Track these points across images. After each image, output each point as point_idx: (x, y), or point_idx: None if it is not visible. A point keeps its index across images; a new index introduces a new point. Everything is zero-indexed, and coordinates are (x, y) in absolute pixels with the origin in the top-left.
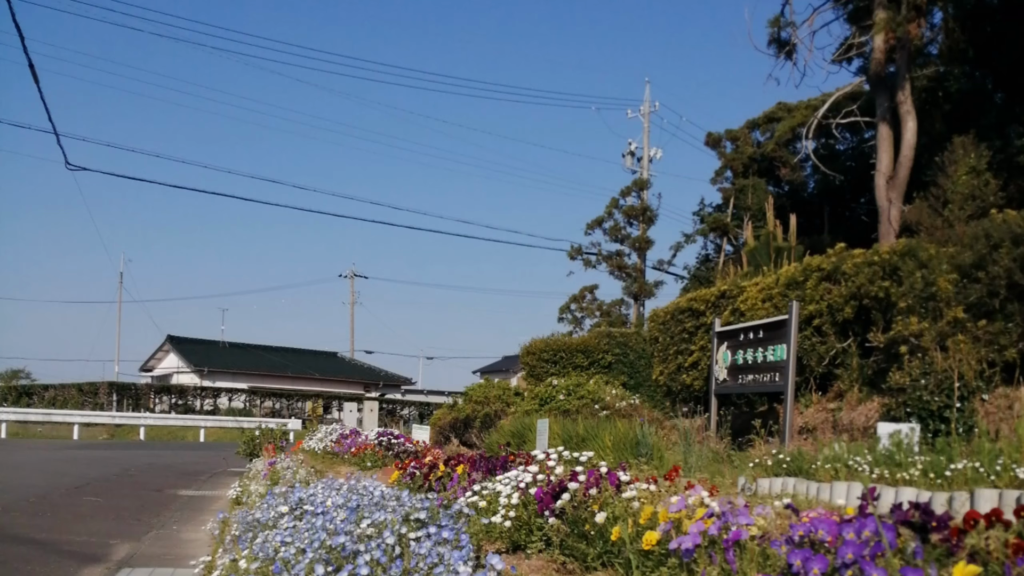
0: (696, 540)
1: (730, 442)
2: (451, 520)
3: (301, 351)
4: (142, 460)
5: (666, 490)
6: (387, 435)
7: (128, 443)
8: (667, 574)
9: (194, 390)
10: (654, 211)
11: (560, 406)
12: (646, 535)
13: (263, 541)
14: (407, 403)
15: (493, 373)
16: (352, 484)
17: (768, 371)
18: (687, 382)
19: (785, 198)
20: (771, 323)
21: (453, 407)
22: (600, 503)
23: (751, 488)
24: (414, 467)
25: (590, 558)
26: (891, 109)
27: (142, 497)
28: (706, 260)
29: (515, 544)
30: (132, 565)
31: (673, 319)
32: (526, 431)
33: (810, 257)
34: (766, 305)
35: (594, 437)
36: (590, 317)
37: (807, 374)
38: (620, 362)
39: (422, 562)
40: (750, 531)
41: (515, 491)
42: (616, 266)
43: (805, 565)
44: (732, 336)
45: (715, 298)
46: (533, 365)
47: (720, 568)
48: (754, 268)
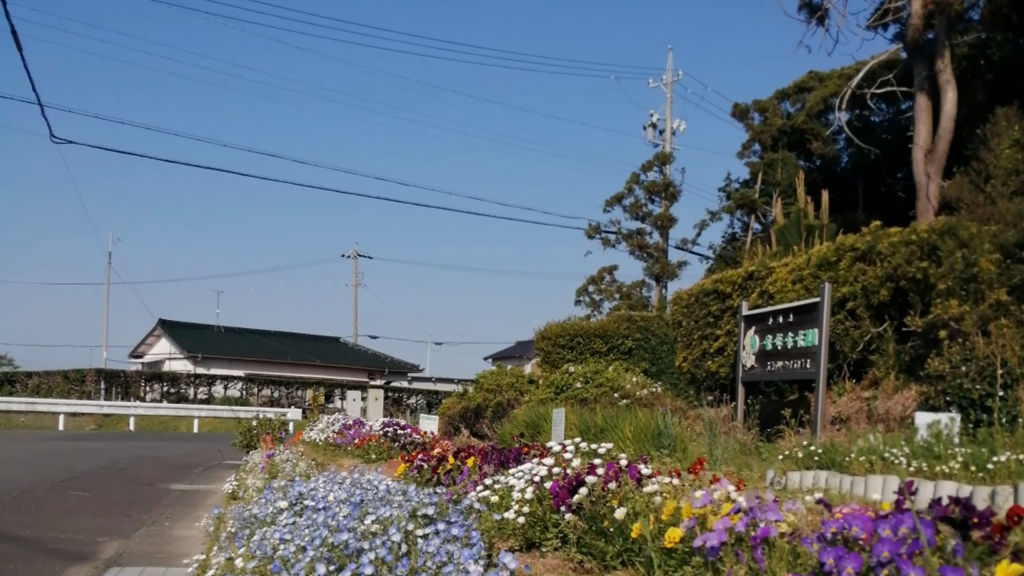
0: (722, 537)
1: (758, 433)
2: (461, 516)
3: (301, 336)
4: (132, 452)
5: (690, 484)
6: (393, 425)
7: (117, 434)
8: (691, 574)
9: (187, 377)
10: (677, 187)
11: (577, 395)
12: (669, 532)
13: (261, 538)
14: (414, 391)
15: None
16: (356, 478)
17: (798, 357)
18: (712, 369)
19: (817, 173)
20: (802, 306)
21: (463, 396)
22: (620, 498)
23: (780, 482)
24: (421, 460)
25: (609, 556)
26: (929, 78)
27: (132, 491)
28: (732, 239)
29: (529, 541)
30: (121, 564)
31: (697, 302)
32: (541, 421)
33: (843, 236)
34: (796, 287)
35: (613, 428)
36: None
37: (840, 360)
38: (641, 348)
39: (430, 561)
40: (779, 528)
41: (529, 485)
42: (637, 245)
43: (838, 564)
44: (760, 320)
45: (742, 279)
46: (548, 351)
47: (747, 567)
48: (784, 247)
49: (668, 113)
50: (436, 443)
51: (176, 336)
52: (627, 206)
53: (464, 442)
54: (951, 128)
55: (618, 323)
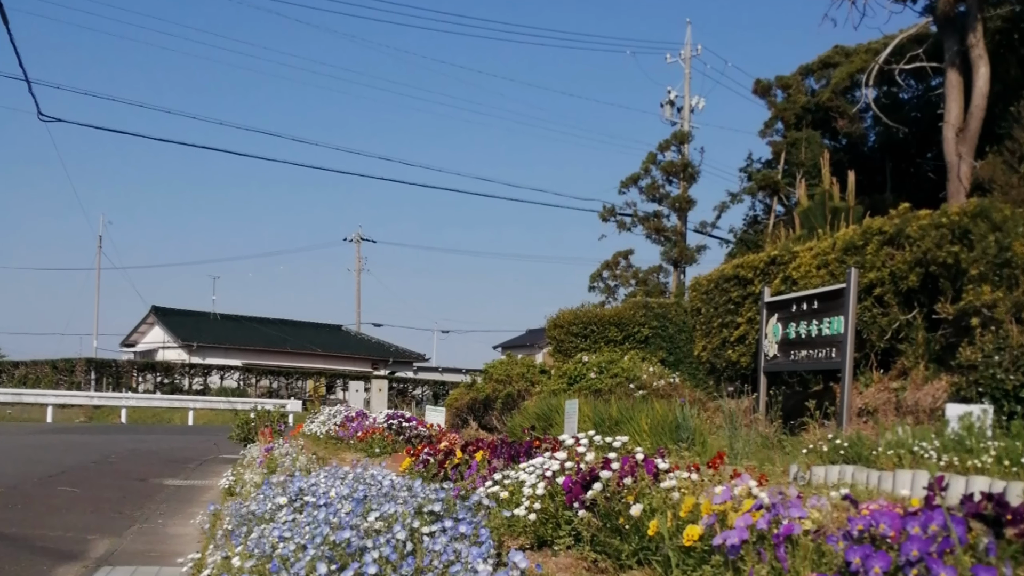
0: (743, 535)
1: (781, 425)
2: (469, 513)
3: (302, 324)
4: (124, 446)
5: (709, 479)
6: (397, 418)
7: (108, 427)
8: (710, 573)
9: (182, 367)
10: (696, 167)
11: (591, 385)
12: (687, 529)
13: (259, 536)
14: (420, 382)
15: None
16: (358, 472)
17: (823, 346)
18: (733, 358)
19: (842, 153)
20: (827, 292)
21: (471, 387)
22: (636, 494)
23: (804, 477)
24: (428, 453)
25: (624, 555)
26: (961, 53)
27: (124, 487)
28: (754, 222)
29: (540, 539)
30: (112, 563)
31: (717, 288)
32: (553, 413)
33: (870, 219)
34: (821, 272)
35: (629, 420)
36: (624, 286)
37: (867, 349)
38: (658, 336)
39: (437, 559)
40: (803, 525)
41: (541, 480)
42: (654, 229)
43: (865, 563)
44: (783, 307)
45: (764, 264)
46: (561, 340)
47: (770, 566)
48: (808, 231)
49: (686, 90)
50: (443, 436)
51: (170, 324)
52: (643, 187)
53: (472, 435)
54: (983, 105)
55: (634, 310)
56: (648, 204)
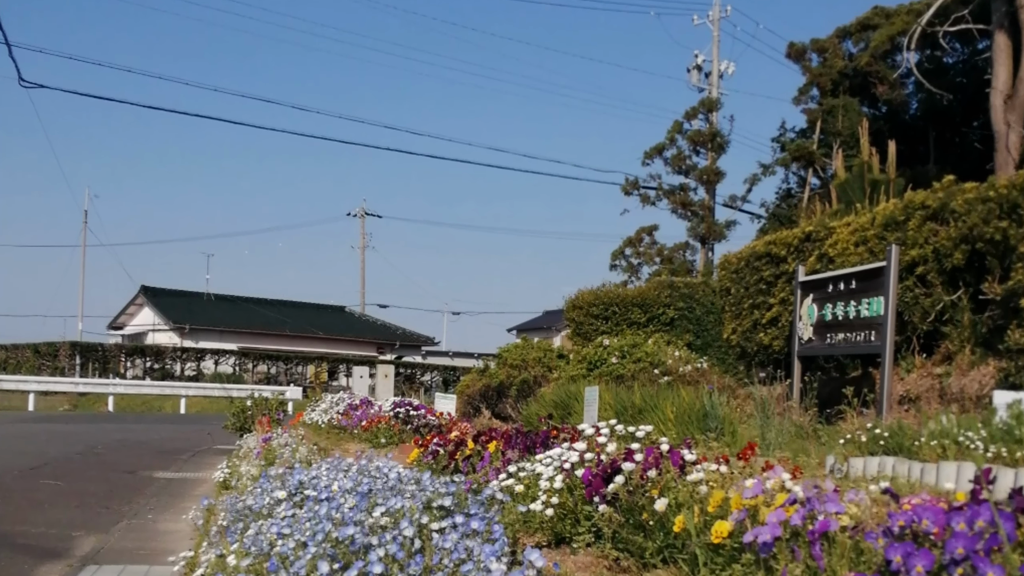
0: (776, 532)
1: (816, 414)
2: (482, 508)
3: (302, 305)
4: (111, 435)
5: (740, 472)
6: (405, 405)
7: (94, 415)
8: (740, 572)
9: (173, 352)
10: (725, 137)
11: (612, 371)
12: (715, 526)
13: (256, 533)
14: (429, 367)
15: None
16: (363, 464)
17: (862, 328)
18: (765, 342)
19: (882, 121)
20: (866, 271)
21: (484, 372)
22: (660, 487)
23: (841, 469)
24: (437, 444)
25: (648, 553)
26: (1010, 14)
27: (111, 480)
28: (788, 195)
29: (558, 536)
30: (99, 561)
31: (748, 266)
32: (571, 401)
33: (912, 192)
34: (859, 249)
35: (653, 408)
36: (648, 264)
37: (908, 332)
38: (684, 318)
39: (447, 558)
40: (840, 521)
41: (558, 473)
42: (680, 203)
43: (906, 561)
44: (819, 287)
45: (799, 241)
46: (580, 322)
47: (804, 565)
48: (845, 205)
49: (715, 54)
50: (453, 425)
51: (161, 305)
52: (669, 158)
53: (485, 424)
54: None
55: (658, 290)
56: (674, 176)
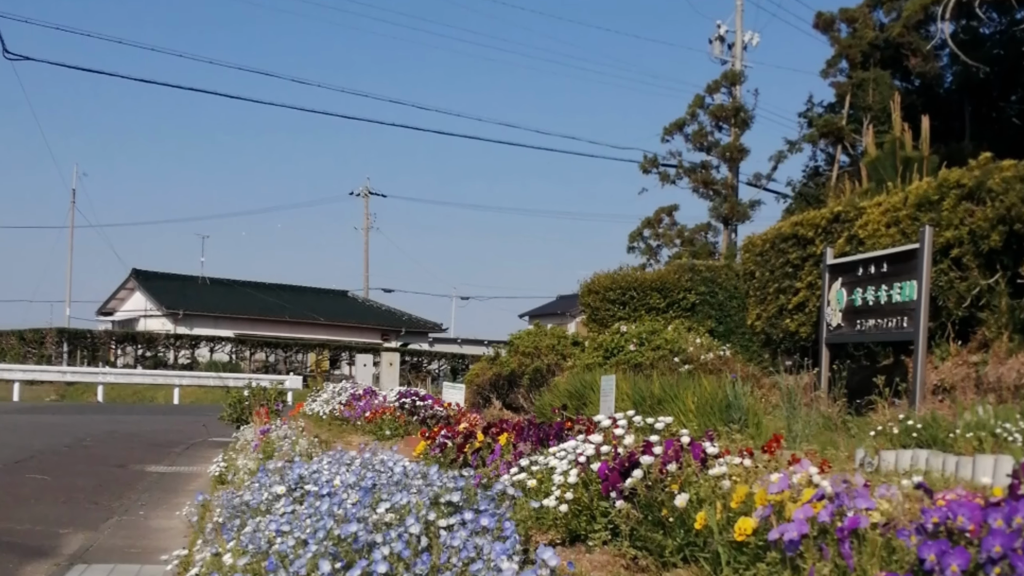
0: (803, 529)
1: (845, 404)
2: (492, 503)
3: (302, 289)
4: (100, 427)
5: (764, 465)
6: (410, 396)
7: (83, 406)
8: (765, 572)
9: (166, 339)
10: (749, 112)
11: (630, 359)
12: (739, 522)
13: (254, 530)
14: (436, 355)
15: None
16: (366, 458)
17: (893, 314)
18: (791, 328)
19: (915, 95)
20: (897, 254)
21: (494, 360)
22: (681, 482)
23: (872, 463)
24: (445, 436)
25: (668, 551)
26: None
27: (100, 474)
28: (815, 174)
29: (573, 534)
30: (88, 560)
31: (773, 248)
32: (587, 390)
33: (947, 170)
34: (891, 231)
35: (673, 398)
36: (668, 246)
37: (943, 318)
38: (706, 303)
39: (455, 556)
40: (871, 517)
41: (573, 467)
42: (701, 181)
43: (941, 560)
44: (848, 270)
45: (827, 222)
46: (596, 307)
47: (833, 564)
48: (876, 184)
49: (738, 24)
50: (462, 417)
51: (153, 289)
52: (689, 135)
53: (496, 415)
54: None
55: (679, 274)
56: (695, 154)
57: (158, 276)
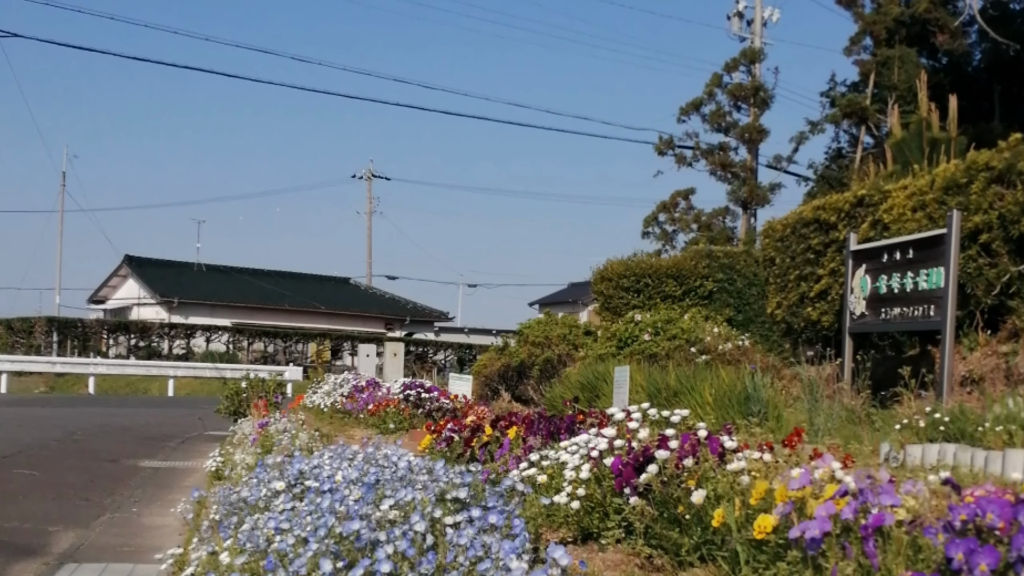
0: (825, 526)
1: (870, 396)
2: (500, 500)
3: (302, 276)
4: (92, 420)
5: (785, 460)
6: (415, 387)
7: (73, 398)
8: (786, 571)
9: (160, 328)
10: (769, 91)
11: (645, 349)
12: (759, 520)
13: (251, 528)
14: (442, 345)
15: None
16: (369, 452)
17: (920, 302)
18: (813, 317)
19: (942, 74)
20: (924, 239)
21: (503, 351)
22: (698, 478)
23: (897, 458)
24: (451, 430)
25: (684, 550)
26: None
27: (92, 469)
28: (838, 156)
29: (585, 532)
30: (78, 559)
31: (794, 234)
32: (599, 382)
33: (976, 152)
34: (917, 215)
35: (690, 390)
36: (684, 231)
37: (971, 307)
38: (724, 291)
39: (462, 555)
40: (896, 514)
41: (585, 462)
42: (719, 163)
43: (969, 559)
44: (873, 256)
45: (850, 206)
46: (609, 295)
47: (856, 563)
48: (902, 166)
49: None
50: (469, 409)
51: (146, 277)
52: (707, 115)
53: (504, 408)
54: None
55: (695, 260)
56: (712, 135)
57: (152, 263)
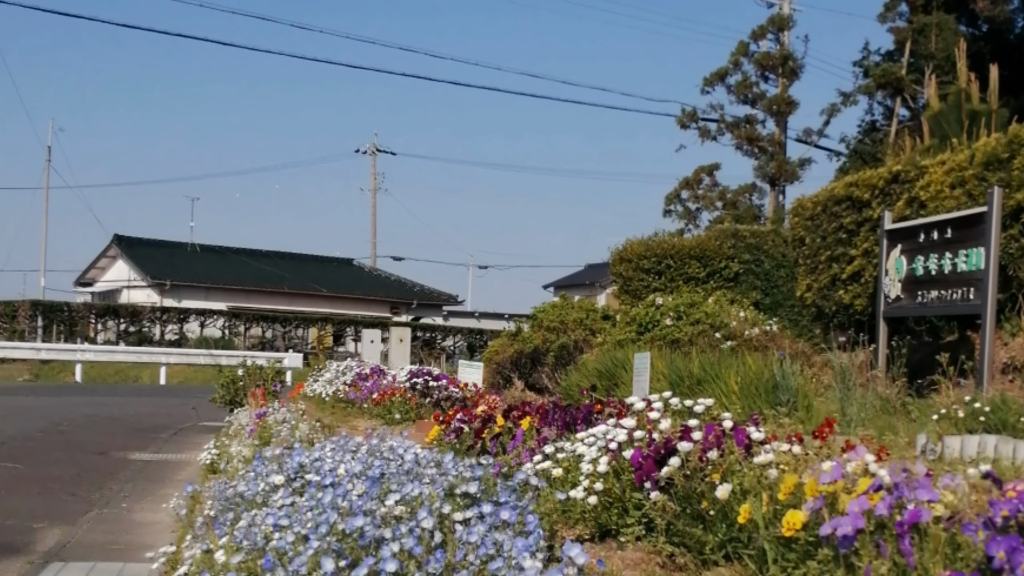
0: (858, 523)
1: (905, 385)
2: (513, 495)
3: (303, 257)
4: (79, 410)
5: (815, 453)
6: (423, 375)
7: (59, 386)
8: (816, 570)
9: (152, 312)
10: (798, 60)
11: (667, 334)
12: (787, 516)
13: (249, 524)
14: (451, 330)
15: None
16: (374, 444)
17: (958, 285)
18: (845, 300)
19: (982, 42)
20: (963, 218)
21: (516, 336)
22: (723, 471)
23: (935, 450)
24: (461, 420)
25: (708, 548)
26: None
27: (79, 462)
28: (872, 129)
29: (603, 528)
30: (64, 558)
31: (825, 212)
32: (618, 369)
33: (1018, 125)
34: (956, 192)
35: (714, 378)
36: (708, 209)
37: (1013, 289)
38: (750, 272)
39: (472, 553)
40: (934, 510)
41: (603, 454)
42: (745, 137)
43: (1011, 558)
44: (908, 236)
45: (885, 182)
46: (628, 277)
47: (891, 562)
48: (939, 140)
49: None
50: (480, 399)
51: (137, 257)
52: (732, 86)
53: (517, 397)
54: None
55: (720, 240)
56: (738, 107)
57: (143, 243)
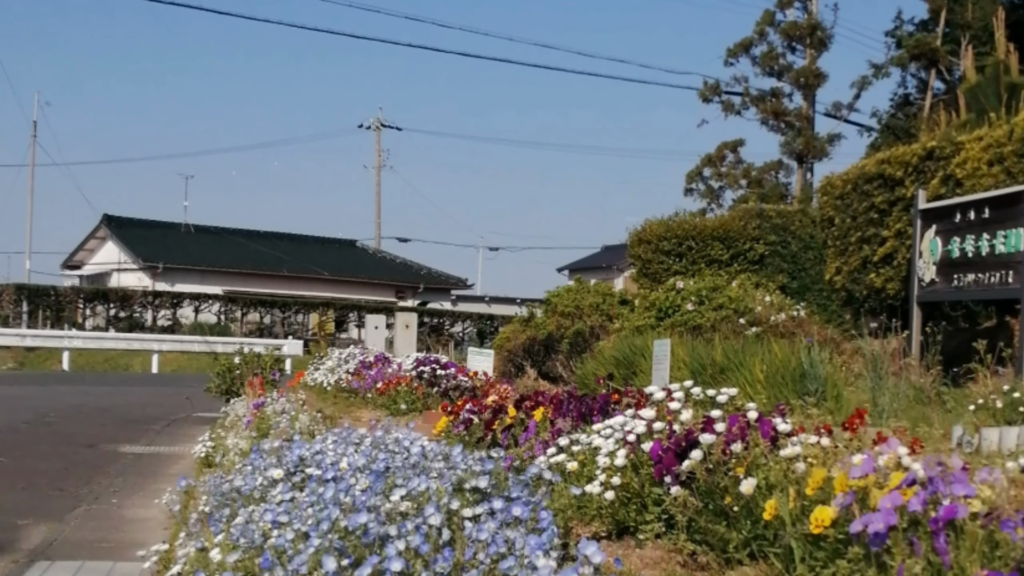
0: (890, 519)
1: (940, 373)
2: (525, 490)
3: (303, 239)
4: (66, 400)
5: (845, 445)
6: (430, 363)
7: (45, 375)
8: (846, 570)
9: (143, 296)
10: (827, 30)
11: (688, 320)
12: (815, 512)
13: (246, 521)
14: (460, 316)
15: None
16: (378, 436)
17: (997, 268)
18: (876, 284)
19: (1022, 10)
20: (1002, 197)
21: (528, 322)
22: (747, 465)
23: (971, 442)
24: (470, 411)
25: (732, 546)
26: None
27: (66, 456)
28: (905, 103)
29: (620, 525)
30: (51, 556)
31: (856, 190)
32: (637, 357)
33: None
34: (994, 170)
35: (738, 366)
36: (732, 188)
37: None
38: (777, 255)
39: (482, 552)
40: (970, 506)
41: (621, 447)
42: (771, 111)
43: None
44: (944, 216)
45: (918, 159)
46: (648, 260)
47: (926, 561)
48: (976, 115)
49: None
50: (490, 388)
51: (128, 239)
52: (757, 57)
53: (530, 386)
54: None
55: (745, 220)
56: (763, 79)
57: (134, 223)
